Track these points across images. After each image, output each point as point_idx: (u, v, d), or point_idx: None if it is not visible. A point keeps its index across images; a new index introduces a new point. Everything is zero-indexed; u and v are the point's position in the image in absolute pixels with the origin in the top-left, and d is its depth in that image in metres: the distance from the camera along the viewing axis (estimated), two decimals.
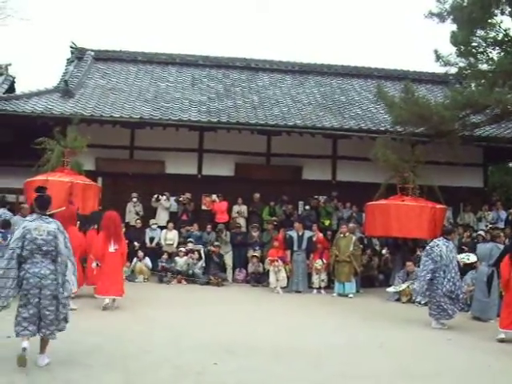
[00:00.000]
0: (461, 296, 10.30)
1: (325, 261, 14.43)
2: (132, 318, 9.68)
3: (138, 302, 11.37)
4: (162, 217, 16.72)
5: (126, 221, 16.35)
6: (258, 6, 55.84)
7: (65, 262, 6.56)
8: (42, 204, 6.73)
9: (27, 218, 6.88)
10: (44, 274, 6.36)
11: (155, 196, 16.72)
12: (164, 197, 16.76)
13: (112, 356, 7.04)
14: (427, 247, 10.81)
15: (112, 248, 10.76)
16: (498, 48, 14.88)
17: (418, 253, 14.34)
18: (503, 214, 16.97)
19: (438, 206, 14.38)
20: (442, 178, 16.25)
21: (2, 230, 11.35)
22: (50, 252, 6.44)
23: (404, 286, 13.38)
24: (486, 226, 16.39)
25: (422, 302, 11.60)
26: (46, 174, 13.38)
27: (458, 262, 10.43)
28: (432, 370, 7.19)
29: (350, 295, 13.72)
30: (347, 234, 14.30)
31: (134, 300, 11.60)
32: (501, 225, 16.38)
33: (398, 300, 13.31)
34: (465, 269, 12.84)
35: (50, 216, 6.85)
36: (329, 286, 14.34)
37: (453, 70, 16.20)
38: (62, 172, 13.77)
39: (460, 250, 13.67)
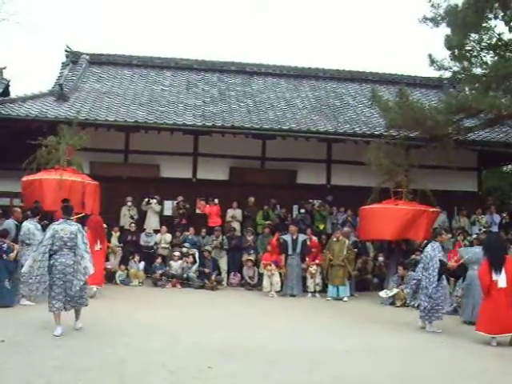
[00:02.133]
0: (430, 291, 10.24)
1: (318, 261, 14.46)
2: (127, 321, 9.66)
3: (132, 306, 11.38)
4: (153, 220, 16.69)
5: (121, 224, 16.36)
6: (257, 7, 55.95)
7: (81, 254, 8.54)
8: (67, 211, 9.00)
9: (56, 221, 8.93)
10: (68, 263, 8.45)
11: (146, 199, 16.68)
12: (154, 200, 16.73)
13: (107, 360, 7.03)
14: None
15: (97, 247, 12.41)
16: (491, 52, 14.96)
17: (413, 256, 14.38)
18: (497, 218, 17.04)
19: (432, 209, 14.46)
20: (437, 181, 16.32)
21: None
22: (73, 247, 8.52)
23: (396, 290, 13.43)
24: (480, 229, 16.44)
25: (416, 306, 11.62)
26: (54, 173, 13.39)
27: (440, 261, 10.41)
28: (427, 374, 7.19)
29: (345, 299, 13.74)
30: (340, 238, 14.33)
31: (128, 304, 11.63)
32: (494, 228, 16.45)
33: (393, 304, 13.32)
34: (460, 272, 12.90)
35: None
36: (323, 290, 14.31)
37: (447, 74, 16.26)
38: (66, 171, 13.75)
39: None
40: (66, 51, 20.73)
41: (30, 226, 11.48)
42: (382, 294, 13.72)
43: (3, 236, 11.05)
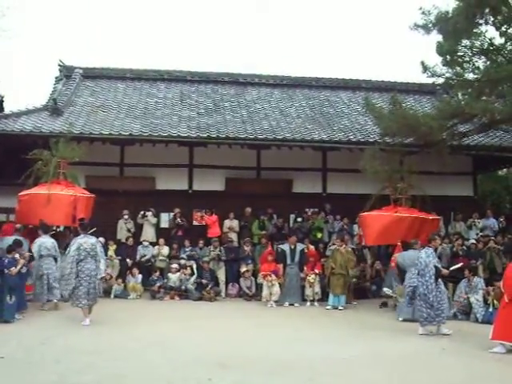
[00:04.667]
0: (431, 299, 10.32)
1: (317, 271, 14.42)
2: (125, 335, 9.63)
3: (131, 319, 11.35)
4: (149, 233, 16.68)
5: (118, 238, 16.34)
6: (258, 8, 56.15)
7: (99, 259, 10.84)
8: (84, 228, 11.20)
9: (79, 236, 11.00)
10: (92, 268, 10.70)
11: (141, 213, 16.66)
12: (150, 213, 16.71)
13: (106, 374, 7.00)
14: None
15: None
16: (483, 57, 14.99)
17: None
18: (493, 222, 17.01)
19: (432, 216, 14.44)
20: (432, 187, 16.30)
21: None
22: (94, 256, 10.76)
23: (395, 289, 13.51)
24: (477, 234, 16.46)
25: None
26: (45, 187, 13.43)
27: (435, 267, 10.48)
28: (429, 381, 7.18)
29: (340, 307, 13.62)
30: (343, 246, 14.24)
31: (127, 317, 11.60)
32: (490, 233, 16.46)
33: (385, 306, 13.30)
34: (458, 277, 12.95)
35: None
36: (322, 299, 14.27)
37: (440, 81, 16.29)
38: (60, 184, 13.78)
39: (453, 259, 13.79)
40: (59, 66, 20.76)
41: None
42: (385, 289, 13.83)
43: (9, 251, 11.19)
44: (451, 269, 11.64)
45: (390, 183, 14.66)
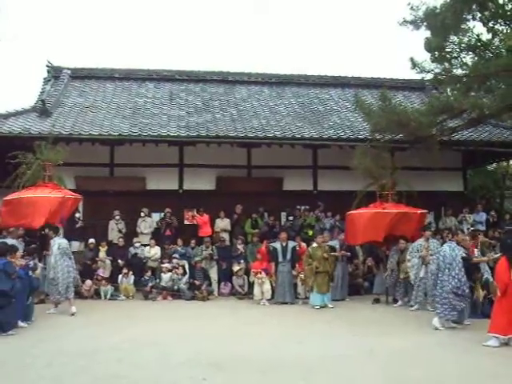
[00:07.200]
0: (467, 291, 10.48)
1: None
2: (118, 336, 9.59)
3: (124, 320, 11.32)
4: (145, 236, 16.70)
5: (109, 238, 16.29)
6: (244, 15, 56.10)
7: (73, 259, 12.35)
8: (56, 231, 12.63)
9: (56, 237, 12.36)
10: (69, 265, 12.10)
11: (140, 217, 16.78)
12: (142, 213, 16.76)
13: (100, 376, 6.98)
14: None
15: None
16: (471, 53, 15.07)
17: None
18: (483, 216, 17.11)
19: (419, 211, 14.39)
20: (422, 183, 16.37)
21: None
22: (69, 254, 12.24)
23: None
24: (468, 228, 16.53)
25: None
26: (28, 190, 13.37)
27: (463, 258, 10.58)
28: (423, 376, 7.19)
29: (330, 306, 13.46)
30: (322, 243, 14.14)
31: (119, 318, 11.57)
32: (480, 227, 16.55)
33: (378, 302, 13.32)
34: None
35: None
36: None
37: (429, 76, 16.32)
38: (46, 187, 13.69)
39: None
40: (47, 66, 20.64)
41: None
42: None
43: (30, 254, 11.61)
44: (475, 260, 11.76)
45: (376, 180, 14.62)
